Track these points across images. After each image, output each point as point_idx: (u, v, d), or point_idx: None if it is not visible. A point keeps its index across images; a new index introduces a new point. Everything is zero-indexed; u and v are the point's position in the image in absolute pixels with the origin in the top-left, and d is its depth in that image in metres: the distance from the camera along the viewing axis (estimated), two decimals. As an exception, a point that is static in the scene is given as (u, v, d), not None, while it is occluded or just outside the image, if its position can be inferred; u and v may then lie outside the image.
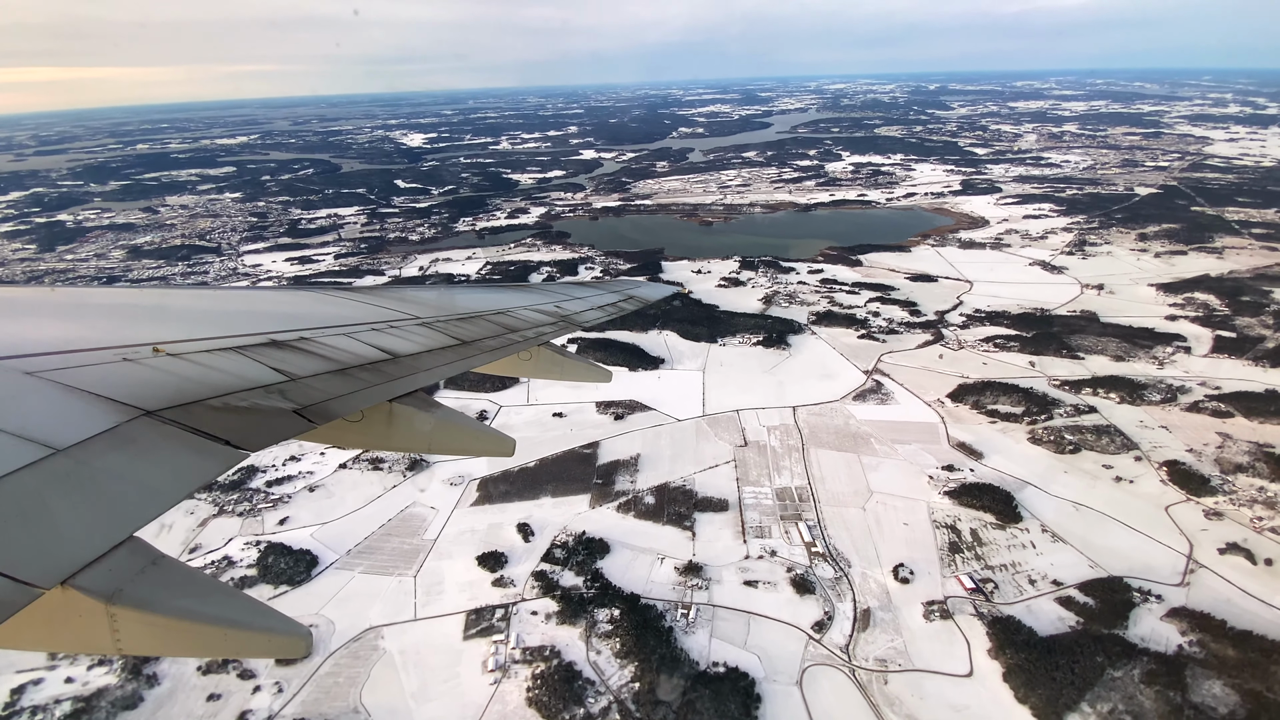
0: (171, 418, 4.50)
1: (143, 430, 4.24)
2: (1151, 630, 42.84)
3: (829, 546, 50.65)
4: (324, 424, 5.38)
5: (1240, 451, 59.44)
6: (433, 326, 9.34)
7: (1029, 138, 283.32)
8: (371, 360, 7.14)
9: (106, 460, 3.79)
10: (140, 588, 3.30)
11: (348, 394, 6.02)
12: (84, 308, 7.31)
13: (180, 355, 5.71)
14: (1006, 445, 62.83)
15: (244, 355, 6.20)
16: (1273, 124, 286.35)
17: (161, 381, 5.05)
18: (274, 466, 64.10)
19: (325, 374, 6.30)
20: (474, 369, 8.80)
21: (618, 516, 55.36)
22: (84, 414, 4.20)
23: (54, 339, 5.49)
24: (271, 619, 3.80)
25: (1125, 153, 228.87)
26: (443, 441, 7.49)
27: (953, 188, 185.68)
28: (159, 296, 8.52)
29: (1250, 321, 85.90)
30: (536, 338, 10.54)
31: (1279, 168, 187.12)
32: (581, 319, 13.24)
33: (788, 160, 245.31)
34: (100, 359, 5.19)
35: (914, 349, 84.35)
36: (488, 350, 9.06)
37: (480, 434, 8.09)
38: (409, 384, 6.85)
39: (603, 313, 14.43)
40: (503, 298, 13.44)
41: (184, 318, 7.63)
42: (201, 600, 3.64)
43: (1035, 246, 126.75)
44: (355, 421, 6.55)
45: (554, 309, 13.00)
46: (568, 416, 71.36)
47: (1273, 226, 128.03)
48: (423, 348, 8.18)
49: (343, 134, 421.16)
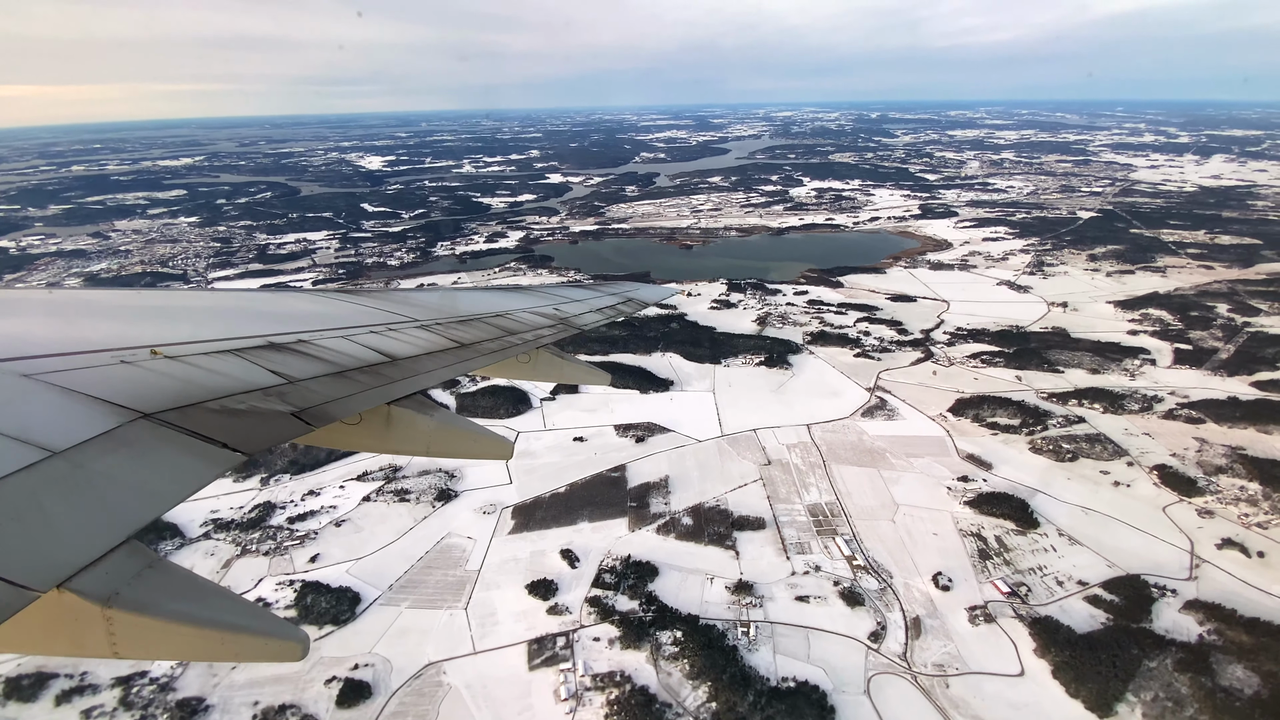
0: (169, 420, 4.50)
1: (140, 433, 4.25)
2: (1173, 622, 46.41)
3: (868, 559, 52.71)
4: (322, 426, 5.37)
5: (1218, 454, 65.12)
6: (431, 329, 9.35)
7: (972, 164, 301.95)
8: (370, 363, 7.14)
9: (104, 463, 3.77)
10: (137, 591, 3.30)
11: (346, 396, 6.02)
12: (81, 310, 7.24)
13: (178, 357, 5.71)
14: (1011, 455, 66.85)
15: (242, 357, 6.21)
16: (1186, 151, 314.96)
17: (159, 384, 5.04)
18: (292, 502, 62.02)
19: (323, 376, 6.32)
20: (473, 371, 8.73)
21: (659, 539, 56.02)
22: (81, 416, 4.19)
23: (51, 341, 5.47)
24: (268, 622, 3.83)
25: (1062, 179, 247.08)
26: (442, 444, 7.55)
27: (913, 212, 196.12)
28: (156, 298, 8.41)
29: (1202, 335, 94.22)
30: (535, 340, 10.58)
31: (1200, 193, 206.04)
32: (580, 321, 13.24)
33: (753, 185, 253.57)
34: (98, 361, 5.17)
35: (908, 366, 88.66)
36: (486, 353, 9.07)
37: (479, 437, 8.11)
38: (407, 386, 6.83)
39: (601, 315, 14.38)
40: (501, 300, 13.46)
41: (181, 320, 7.56)
42: (198, 604, 3.63)
43: (999, 267, 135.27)
44: (353, 424, 6.62)
45: (553, 311, 13.06)
46: (589, 440, 71.77)
47: (1205, 247, 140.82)
48: (421, 350, 8.17)
49: (295, 156, 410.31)
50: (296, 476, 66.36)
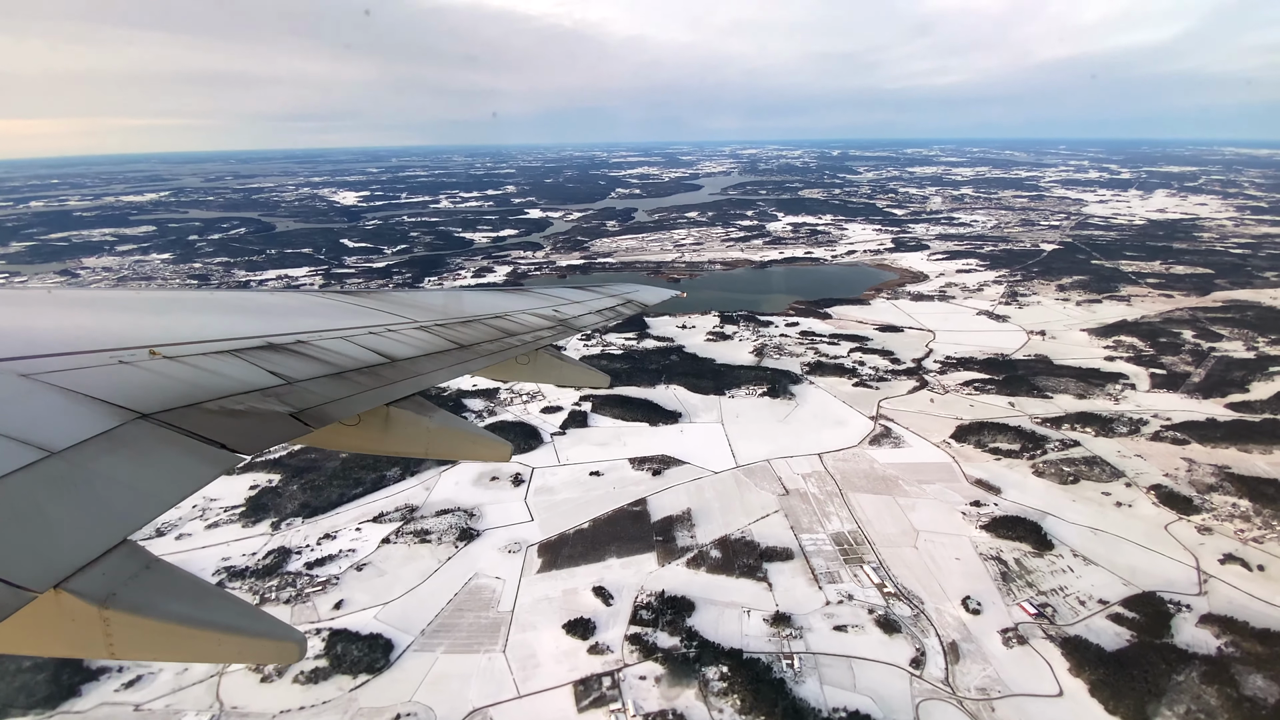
0: (167, 421, 4.50)
1: (138, 433, 4.25)
2: (1192, 636, 48.44)
3: (898, 586, 53.76)
4: (320, 427, 5.38)
5: (1207, 473, 68.74)
6: (430, 330, 9.36)
7: (935, 200, 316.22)
8: (368, 364, 7.16)
9: (102, 463, 3.77)
10: (134, 592, 3.29)
11: (344, 397, 6.04)
12: (80, 309, 7.22)
13: (176, 358, 5.70)
14: (1016, 479, 69.33)
15: (240, 358, 6.21)
16: (1130, 187, 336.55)
17: (157, 384, 5.03)
18: (308, 546, 60.29)
19: (322, 377, 6.34)
20: (472, 372, 8.73)
21: (690, 573, 56.13)
22: (79, 416, 4.18)
23: (50, 341, 5.46)
24: (266, 624, 3.82)
25: (1020, 213, 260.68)
26: (440, 445, 7.53)
27: (886, 245, 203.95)
28: (155, 298, 8.44)
29: (1174, 359, 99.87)
30: (534, 342, 10.58)
31: (1150, 225, 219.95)
32: (580, 323, 13.24)
33: (730, 220, 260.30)
34: (96, 361, 5.16)
35: (906, 394, 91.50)
36: (486, 354, 9.07)
37: (478, 438, 8.11)
38: (406, 388, 6.88)
39: (601, 317, 14.30)
40: (500, 301, 13.39)
41: (180, 320, 7.55)
42: (196, 605, 3.63)
43: (975, 298, 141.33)
44: (352, 425, 6.67)
45: (552, 313, 13.00)
46: (605, 474, 71.80)
47: (1162, 276, 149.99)
48: (420, 351, 8.21)
49: (265, 191, 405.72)
50: (309, 520, 64.61)
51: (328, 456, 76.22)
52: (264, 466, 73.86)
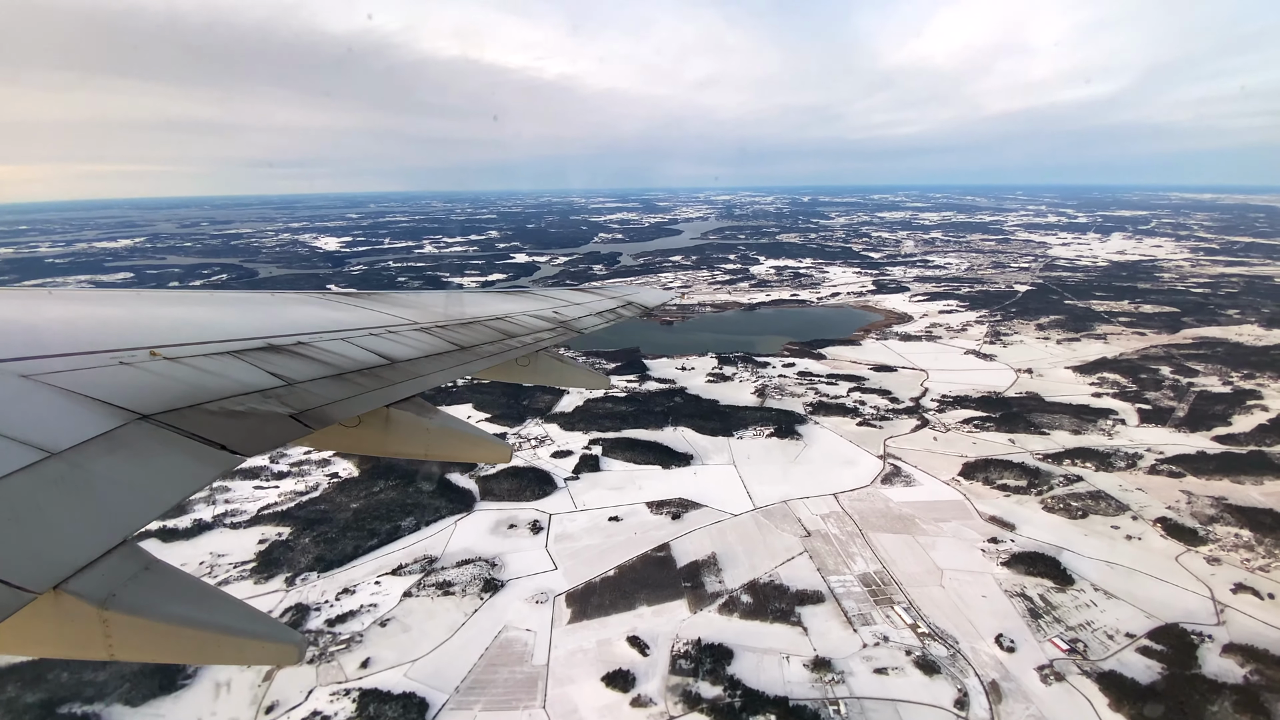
0: (168, 422, 4.51)
1: (139, 434, 4.25)
2: (1218, 666, 49.57)
3: (931, 626, 54.10)
4: (321, 429, 5.38)
5: (1206, 505, 71.30)
6: (431, 332, 9.37)
7: (908, 244, 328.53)
8: (369, 365, 7.17)
9: (102, 464, 3.78)
10: (134, 593, 3.30)
11: (345, 399, 6.03)
12: (81, 310, 7.19)
13: (177, 359, 5.71)
14: (1028, 515, 70.92)
15: (241, 359, 6.21)
16: (1088, 230, 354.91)
17: (158, 385, 5.04)
18: (327, 603, 58.39)
19: (322, 379, 6.34)
20: (473, 374, 8.73)
21: (723, 619, 55.72)
22: (80, 417, 4.18)
23: (50, 342, 5.44)
24: (265, 625, 3.84)
25: (990, 256, 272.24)
26: (441, 446, 7.54)
27: (869, 287, 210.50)
28: (156, 299, 8.48)
29: (1156, 395, 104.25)
30: (535, 344, 10.57)
31: (1113, 267, 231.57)
32: (581, 325, 13.18)
33: (714, 264, 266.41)
34: (97, 362, 5.15)
35: (909, 433, 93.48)
36: (486, 356, 9.07)
37: (478, 440, 8.13)
38: (406, 389, 6.87)
39: (601, 319, 14.25)
40: (501, 303, 13.36)
41: (180, 321, 7.52)
42: (196, 606, 3.65)
43: (961, 338, 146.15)
44: (352, 427, 6.70)
45: (552, 315, 12.97)
46: (624, 520, 71.41)
47: (1133, 315, 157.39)
48: (421, 353, 8.23)
49: (244, 237, 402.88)
50: (325, 574, 62.71)
51: (338, 507, 74.58)
52: (272, 519, 71.87)
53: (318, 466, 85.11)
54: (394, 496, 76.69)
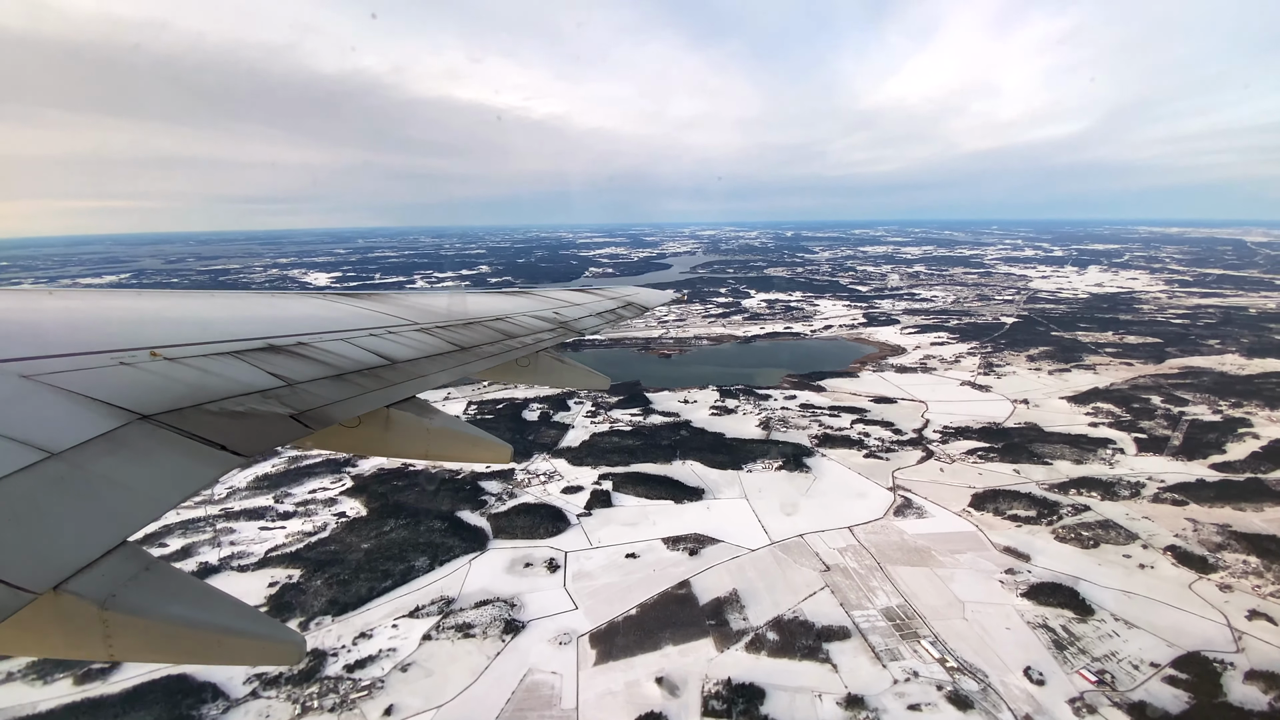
0: (168, 422, 4.52)
1: (139, 434, 4.26)
2: (1243, 693, 50.03)
3: (959, 660, 54.10)
4: (321, 429, 5.39)
5: (1212, 533, 72.66)
6: (430, 332, 9.38)
7: (893, 277, 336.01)
8: (369, 365, 7.20)
9: (102, 464, 3.79)
10: (133, 593, 3.31)
11: (345, 399, 6.05)
12: (81, 311, 7.21)
13: (177, 359, 5.73)
14: (1042, 546, 71.68)
15: (241, 359, 6.23)
16: (1065, 264, 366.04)
17: (158, 385, 5.06)
18: (344, 647, 56.98)
19: (322, 379, 6.36)
20: (473, 374, 8.74)
21: (751, 658, 55.23)
22: (80, 418, 4.19)
23: (51, 342, 5.45)
24: (265, 626, 3.85)
25: (974, 289, 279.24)
26: (441, 447, 7.57)
27: (860, 320, 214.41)
28: (156, 300, 8.56)
29: (1150, 424, 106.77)
30: (535, 344, 10.63)
31: (1093, 299, 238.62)
32: (581, 325, 13.15)
33: (706, 298, 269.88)
34: (97, 362, 5.16)
35: (916, 465, 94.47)
36: (486, 356, 9.11)
37: (478, 440, 8.12)
38: (406, 390, 6.90)
39: (601, 319, 14.28)
40: (501, 303, 13.41)
41: (181, 321, 7.55)
42: (195, 606, 3.65)
43: (955, 369, 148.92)
44: (352, 427, 6.72)
45: (552, 315, 12.99)
46: (641, 556, 70.94)
47: (1118, 346, 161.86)
48: (421, 353, 8.24)
49: (231, 273, 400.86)
50: (339, 618, 61.28)
51: (348, 548, 73.29)
52: (281, 561, 70.36)
53: (324, 506, 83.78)
54: (405, 536, 75.56)
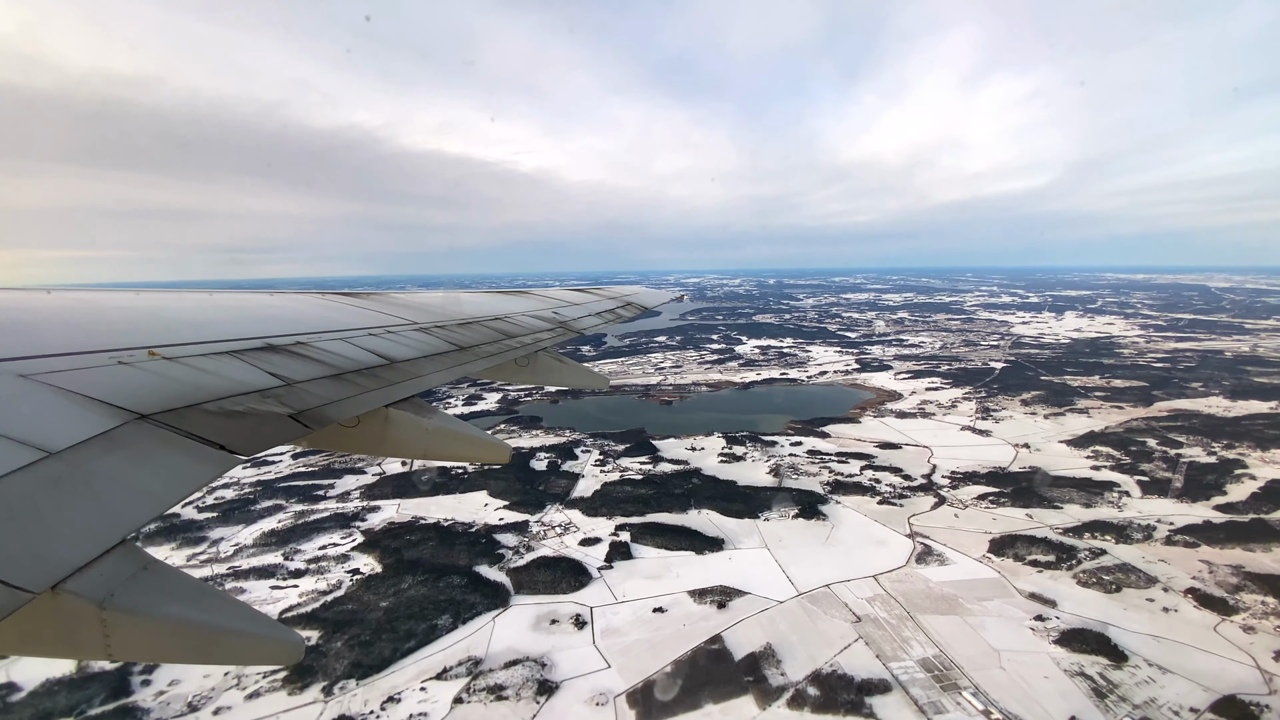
0: (166, 421, 4.52)
1: (137, 434, 4.25)
2: (1287, 742, 50.25)
3: (1004, 711, 53.67)
4: (319, 429, 5.40)
5: (1227, 574, 73.84)
6: (430, 332, 9.43)
7: (879, 323, 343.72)
8: (368, 365, 7.22)
9: (100, 464, 3.77)
10: (132, 593, 3.31)
11: (344, 399, 6.06)
12: (79, 310, 7.23)
13: (175, 359, 5.72)
14: (1065, 591, 72.12)
15: (239, 359, 6.23)
16: (1042, 310, 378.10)
17: (156, 385, 5.05)
18: (373, 713, 54.93)
19: (321, 379, 6.37)
20: (472, 374, 8.78)
21: (795, 715, 54.26)
22: (78, 417, 4.18)
23: (49, 341, 5.44)
24: (264, 625, 3.83)
25: (959, 334, 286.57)
26: (439, 448, 7.59)
27: (853, 366, 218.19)
28: (155, 299, 8.55)
29: (1150, 466, 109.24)
30: (534, 344, 10.68)
31: (1075, 344, 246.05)
32: (580, 325, 13.19)
33: (699, 344, 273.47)
34: (95, 362, 5.15)
35: (930, 511, 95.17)
36: (485, 356, 9.14)
37: (477, 440, 8.18)
38: (405, 389, 6.90)
39: (601, 319, 14.34)
40: (500, 303, 13.45)
41: (179, 321, 7.55)
42: (194, 606, 3.63)
43: (953, 414, 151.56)
44: (351, 427, 6.74)
45: (552, 315, 13.10)
46: (669, 610, 69.92)
47: (1106, 389, 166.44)
48: (420, 353, 8.28)
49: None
50: (364, 681, 59.19)
51: (366, 606, 71.30)
52: (298, 622, 68.09)
53: (336, 563, 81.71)
54: (424, 593, 73.76)
